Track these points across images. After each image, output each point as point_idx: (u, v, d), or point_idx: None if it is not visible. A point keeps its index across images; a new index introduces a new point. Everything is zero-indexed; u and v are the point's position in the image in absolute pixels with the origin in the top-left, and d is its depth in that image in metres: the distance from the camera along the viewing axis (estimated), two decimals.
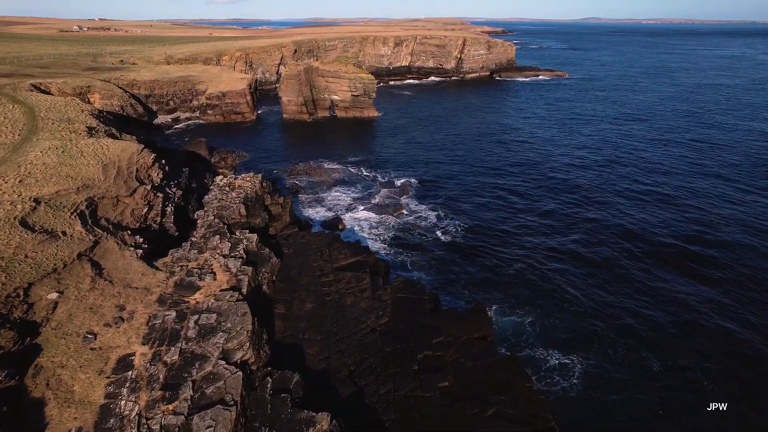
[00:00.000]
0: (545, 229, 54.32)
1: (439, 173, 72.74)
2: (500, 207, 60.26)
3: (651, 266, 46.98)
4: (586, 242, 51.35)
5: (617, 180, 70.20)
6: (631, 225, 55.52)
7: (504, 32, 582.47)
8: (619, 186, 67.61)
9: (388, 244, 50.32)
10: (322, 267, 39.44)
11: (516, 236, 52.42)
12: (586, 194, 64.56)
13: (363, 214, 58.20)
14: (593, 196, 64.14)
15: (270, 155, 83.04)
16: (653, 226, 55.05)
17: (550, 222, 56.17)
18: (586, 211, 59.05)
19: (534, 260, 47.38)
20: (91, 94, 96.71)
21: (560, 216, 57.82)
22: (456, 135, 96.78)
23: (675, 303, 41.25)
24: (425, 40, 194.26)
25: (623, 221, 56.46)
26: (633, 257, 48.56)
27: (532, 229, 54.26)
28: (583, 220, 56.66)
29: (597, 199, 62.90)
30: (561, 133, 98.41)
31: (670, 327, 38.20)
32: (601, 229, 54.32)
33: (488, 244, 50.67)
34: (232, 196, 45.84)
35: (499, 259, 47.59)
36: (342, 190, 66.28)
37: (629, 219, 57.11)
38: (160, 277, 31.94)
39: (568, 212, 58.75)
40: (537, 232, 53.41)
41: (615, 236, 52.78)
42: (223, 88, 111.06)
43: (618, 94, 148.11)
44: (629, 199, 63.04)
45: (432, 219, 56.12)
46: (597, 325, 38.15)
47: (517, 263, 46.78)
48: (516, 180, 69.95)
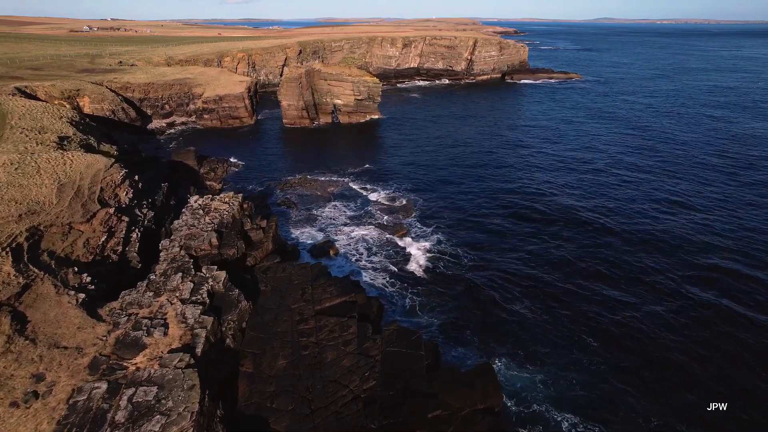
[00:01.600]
0: (563, 262, 48.00)
1: (445, 189, 66.68)
2: (512, 233, 53.98)
3: (689, 312, 40.74)
4: (610, 280, 45.10)
5: (644, 200, 63.70)
6: (666, 264, 49.17)
7: (516, 32, 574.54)
8: (647, 211, 60.96)
9: (383, 275, 44.46)
10: (302, 310, 33.74)
11: (530, 269, 46.23)
12: (609, 218, 58.18)
13: (359, 235, 52.45)
14: (616, 220, 57.77)
15: (264, 165, 77.60)
16: (693, 266, 48.59)
17: (569, 253, 49.91)
18: (611, 241, 52.67)
19: (550, 300, 41.27)
20: (80, 97, 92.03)
21: (580, 246, 51.50)
22: (465, 144, 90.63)
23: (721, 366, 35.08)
24: (434, 40, 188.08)
25: (655, 260, 50.13)
26: (666, 302, 42.29)
27: (549, 262, 47.92)
28: (605, 251, 50.37)
29: (622, 225, 56.53)
30: (577, 142, 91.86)
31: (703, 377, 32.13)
32: (628, 265, 48.02)
33: (498, 277, 44.60)
34: (204, 222, 40.26)
35: (510, 297, 41.52)
36: (338, 206, 60.59)
37: (662, 254, 50.76)
38: (99, 330, 26.45)
39: (589, 242, 52.37)
40: (554, 266, 47.12)
41: (644, 274, 46.47)
42: (221, 91, 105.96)
43: (636, 98, 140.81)
44: (660, 225, 56.65)
45: (435, 245, 50.11)
46: (622, 388, 32.04)
47: (530, 302, 40.68)
48: (531, 199, 63.62)
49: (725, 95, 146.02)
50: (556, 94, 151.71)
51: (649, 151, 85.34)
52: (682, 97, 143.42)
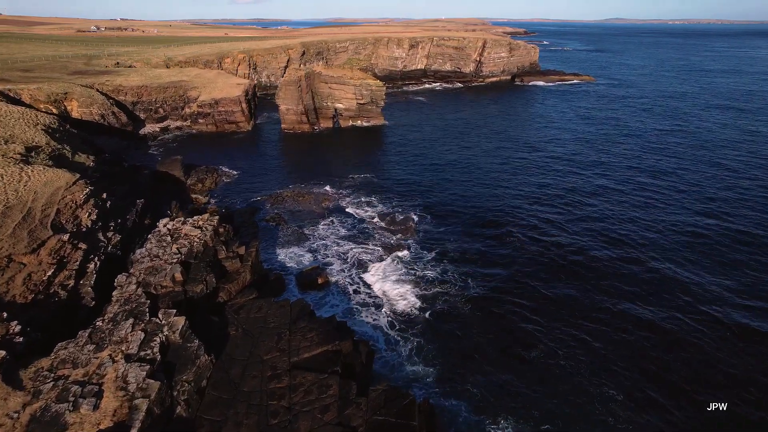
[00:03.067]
0: (585, 294, 42.55)
1: (451, 204, 61.19)
2: (525, 258, 48.33)
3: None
4: (644, 323, 39.54)
5: (676, 216, 57.98)
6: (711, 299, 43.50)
7: (526, 33, 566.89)
8: (680, 229, 55.30)
9: (376, 309, 39.15)
10: (276, 362, 28.57)
11: (548, 303, 40.71)
12: (636, 240, 52.53)
13: (352, 259, 47.21)
14: (645, 242, 52.10)
15: (258, 175, 72.62)
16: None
17: (591, 284, 44.40)
18: (643, 270, 47.05)
19: (570, 344, 35.77)
20: (67, 101, 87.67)
21: (605, 273, 45.91)
22: (473, 152, 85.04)
23: None
24: (442, 41, 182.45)
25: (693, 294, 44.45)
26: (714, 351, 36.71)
27: (566, 299, 42.51)
28: (638, 285, 44.78)
29: (653, 249, 50.86)
30: (596, 152, 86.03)
31: None
32: (666, 300, 42.42)
33: (509, 314, 39.14)
34: (170, 252, 35.17)
35: (524, 340, 36.02)
36: (332, 224, 55.41)
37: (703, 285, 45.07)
38: (13, 403, 21.45)
39: (619, 269, 46.81)
40: (578, 301, 41.68)
41: (685, 314, 40.87)
42: (217, 94, 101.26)
43: (654, 102, 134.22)
44: (691, 250, 50.91)
45: (438, 273, 44.68)
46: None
47: (547, 347, 35.14)
48: (545, 216, 58.04)
49: (749, 100, 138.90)
50: (570, 97, 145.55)
51: (676, 161, 79.33)
52: (703, 101, 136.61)
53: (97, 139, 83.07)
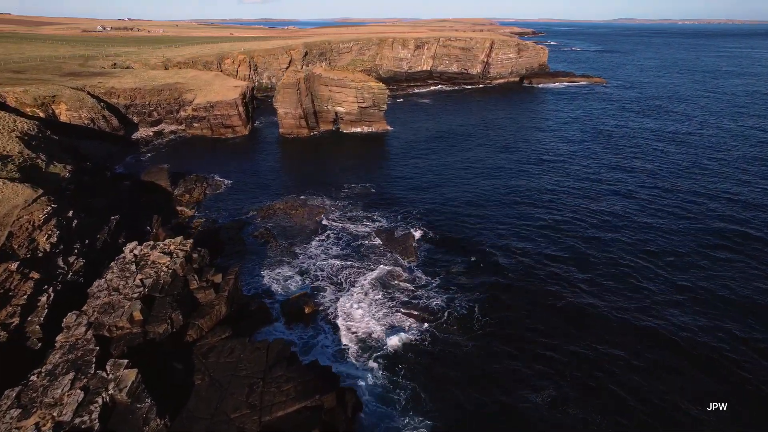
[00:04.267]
0: (609, 330, 37.97)
1: (456, 219, 56.47)
2: (541, 288, 43.53)
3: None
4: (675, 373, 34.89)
5: (701, 233, 53.15)
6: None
7: (534, 33, 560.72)
8: (704, 249, 50.50)
9: (367, 348, 34.59)
10: (244, 423, 24.21)
11: (564, 344, 36.09)
12: (658, 263, 47.78)
13: (345, 283, 42.82)
14: (668, 268, 47.34)
15: (250, 184, 68.40)
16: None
17: (612, 315, 39.76)
18: (668, 305, 42.36)
19: (585, 396, 31.17)
20: (56, 104, 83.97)
21: (628, 303, 41.32)
22: (480, 161, 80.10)
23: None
24: (449, 42, 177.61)
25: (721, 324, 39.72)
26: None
27: (594, 341, 37.86)
28: (665, 322, 40.10)
29: (680, 275, 46.10)
30: (611, 159, 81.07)
31: None
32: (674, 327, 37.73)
33: (520, 353, 34.56)
34: (132, 284, 30.87)
35: (536, 390, 31.45)
36: (326, 241, 51.03)
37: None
38: None
39: (650, 303, 42.16)
40: (605, 340, 37.08)
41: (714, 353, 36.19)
42: (213, 97, 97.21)
43: (669, 105, 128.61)
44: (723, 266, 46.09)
45: (440, 302, 39.99)
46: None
47: (562, 397, 30.58)
48: (562, 237, 53.27)
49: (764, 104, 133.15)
50: (581, 100, 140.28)
51: (697, 170, 74.25)
52: (721, 105, 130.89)
53: (86, 144, 79.50)
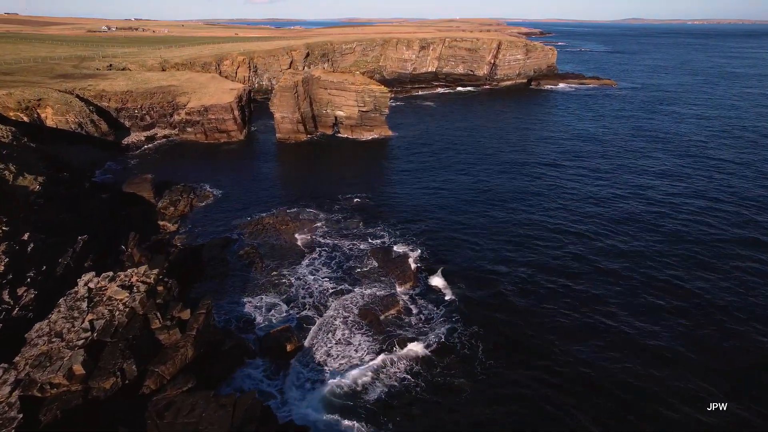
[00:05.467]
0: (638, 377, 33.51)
1: (461, 238, 51.80)
2: (551, 315, 39.34)
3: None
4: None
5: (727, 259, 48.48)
6: None
7: (542, 33, 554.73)
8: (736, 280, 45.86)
9: (353, 397, 30.17)
10: None
11: (581, 387, 31.64)
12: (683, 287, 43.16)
13: (334, 312, 38.55)
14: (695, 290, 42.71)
15: (240, 195, 64.23)
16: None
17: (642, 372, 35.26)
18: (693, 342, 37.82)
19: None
20: (41, 108, 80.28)
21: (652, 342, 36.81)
22: (487, 170, 75.28)
23: None
24: (454, 42, 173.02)
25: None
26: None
27: (613, 385, 33.42)
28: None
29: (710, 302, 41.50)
30: (629, 169, 76.36)
31: None
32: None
33: (533, 400, 30.10)
34: (81, 326, 26.63)
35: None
36: (317, 260, 46.74)
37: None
38: None
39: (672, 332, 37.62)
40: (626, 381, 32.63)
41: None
42: (207, 101, 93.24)
43: (683, 109, 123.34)
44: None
45: (439, 336, 35.46)
46: None
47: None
48: (576, 257, 48.80)
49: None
50: (591, 103, 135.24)
51: (721, 176, 69.42)
52: (735, 107, 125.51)
53: (71, 150, 75.83)
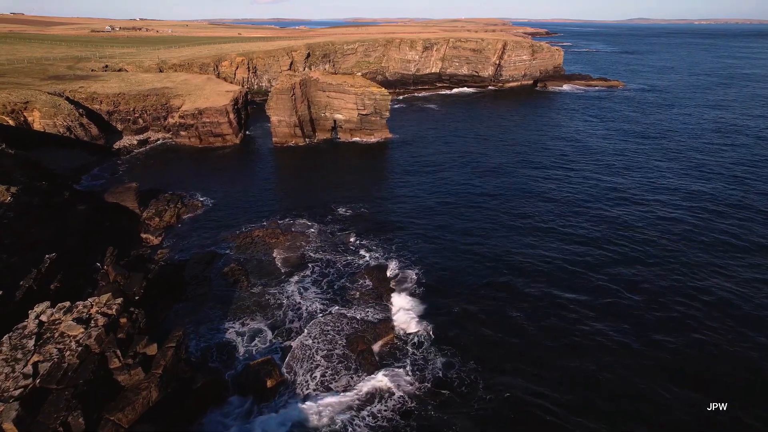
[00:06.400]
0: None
1: (462, 253, 48.25)
2: (562, 352, 35.83)
3: None
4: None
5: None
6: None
7: (547, 33, 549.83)
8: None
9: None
10: None
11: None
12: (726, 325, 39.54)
13: (322, 340, 35.13)
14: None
15: (231, 204, 60.95)
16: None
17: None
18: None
19: None
20: (28, 111, 77.45)
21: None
22: (493, 178, 71.28)
23: None
24: (459, 43, 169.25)
25: None
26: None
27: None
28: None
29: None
30: (642, 176, 72.61)
31: None
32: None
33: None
34: (22, 371, 23.30)
35: None
36: (307, 279, 43.36)
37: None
38: None
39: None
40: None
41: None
42: (201, 103, 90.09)
43: (695, 112, 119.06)
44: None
45: (435, 370, 31.94)
46: None
47: None
48: (586, 273, 45.27)
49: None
50: (599, 105, 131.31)
51: (744, 186, 65.65)
52: (753, 110, 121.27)
53: (58, 155, 72.99)
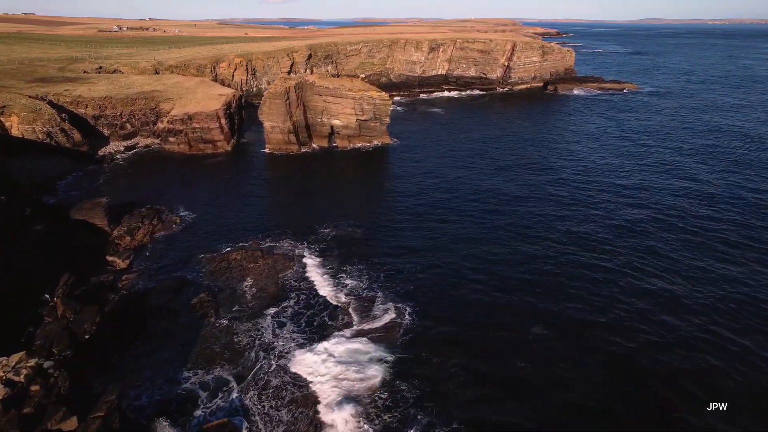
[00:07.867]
0: None
1: (462, 284, 42.62)
2: (568, 391, 30.51)
3: None
4: None
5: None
6: None
7: (558, 34, 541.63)
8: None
9: None
10: None
11: None
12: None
13: (294, 392, 30.03)
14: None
15: (212, 221, 56.01)
16: None
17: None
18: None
19: None
20: (5, 116, 73.14)
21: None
22: (499, 194, 65.26)
23: None
24: (466, 44, 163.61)
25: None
26: None
27: None
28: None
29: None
30: (659, 187, 66.88)
31: None
32: None
33: None
34: None
35: None
36: (285, 312, 38.31)
37: None
38: None
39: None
40: None
41: None
42: (192, 108, 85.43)
43: (712, 116, 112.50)
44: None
45: (423, 428, 27.16)
46: None
47: None
48: (598, 310, 39.85)
49: None
50: (612, 109, 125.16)
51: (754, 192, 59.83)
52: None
53: (37, 163, 68.77)
